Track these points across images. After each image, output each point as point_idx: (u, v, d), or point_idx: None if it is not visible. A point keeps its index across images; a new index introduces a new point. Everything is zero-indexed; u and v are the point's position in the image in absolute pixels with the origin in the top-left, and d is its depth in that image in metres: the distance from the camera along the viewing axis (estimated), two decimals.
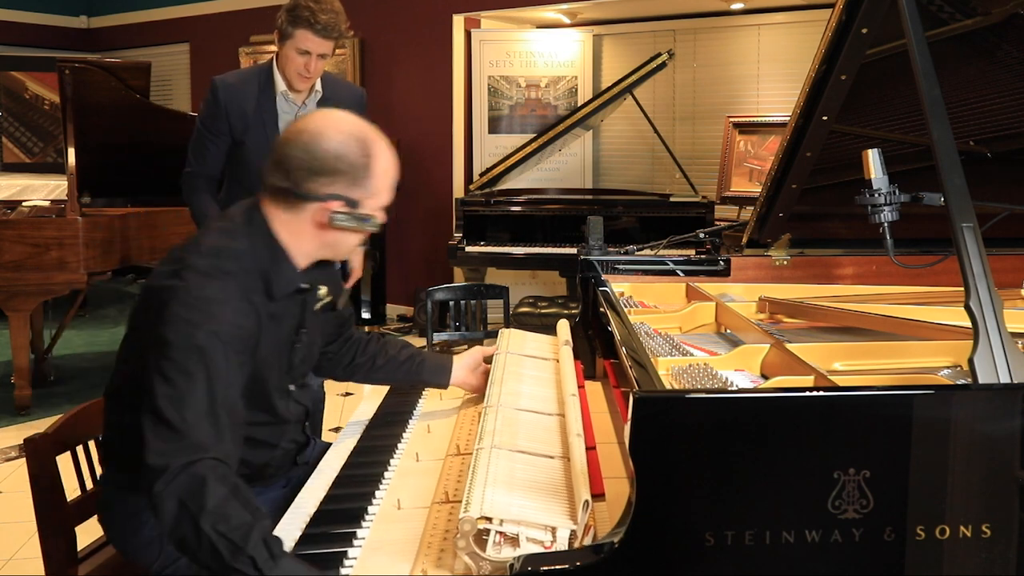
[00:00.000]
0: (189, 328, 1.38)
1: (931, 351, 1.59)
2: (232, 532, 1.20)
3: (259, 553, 1.19)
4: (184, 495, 1.24)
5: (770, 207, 2.28)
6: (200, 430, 1.31)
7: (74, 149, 4.30)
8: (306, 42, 2.68)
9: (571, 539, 1.17)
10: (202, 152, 2.82)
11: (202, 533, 1.21)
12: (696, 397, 1.15)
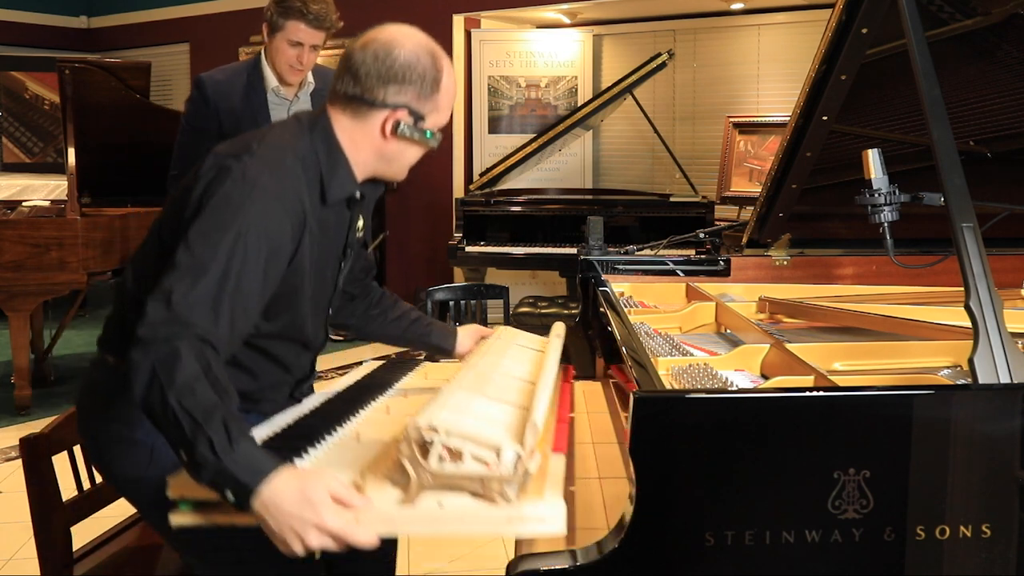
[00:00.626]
0: (231, 207, 1.35)
1: (931, 351, 1.59)
2: (195, 410, 1.19)
3: (218, 435, 1.18)
4: (157, 364, 1.22)
5: (770, 207, 2.28)
6: (197, 312, 1.27)
7: (74, 149, 4.30)
8: (298, 33, 2.65)
9: (516, 462, 1.14)
10: (189, 153, 2.74)
11: (167, 406, 1.20)
12: (696, 397, 1.15)
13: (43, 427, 1.81)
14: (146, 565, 1.93)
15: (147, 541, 2.01)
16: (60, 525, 1.76)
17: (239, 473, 1.17)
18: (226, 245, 1.32)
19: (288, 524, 1.16)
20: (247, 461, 1.18)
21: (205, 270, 1.29)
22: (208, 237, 1.32)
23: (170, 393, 1.20)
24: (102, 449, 1.61)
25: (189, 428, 1.18)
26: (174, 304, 1.26)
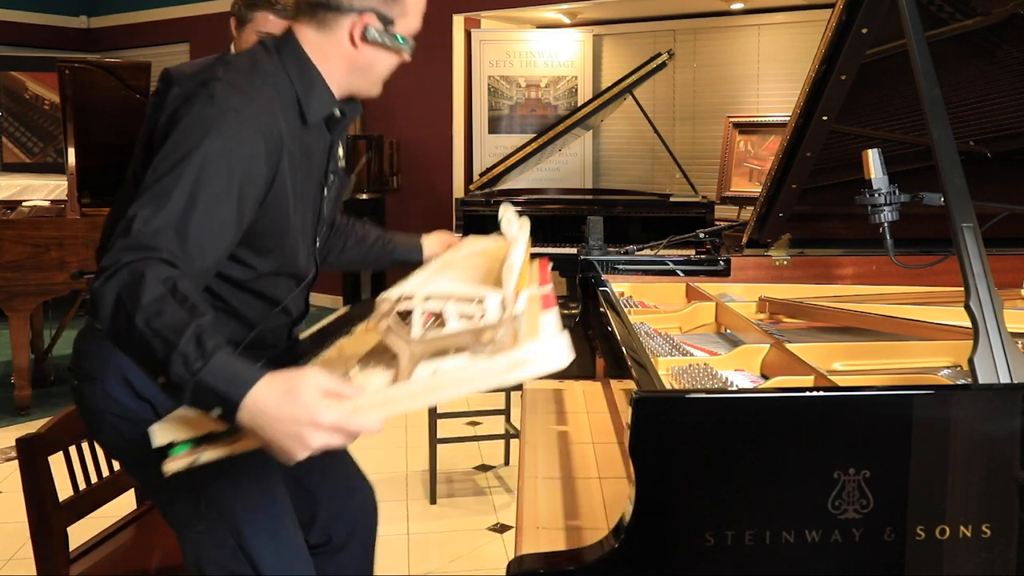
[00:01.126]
0: (198, 131, 1.29)
1: (931, 351, 1.59)
2: (166, 328, 1.12)
3: (192, 351, 1.11)
4: (121, 289, 1.15)
5: (770, 207, 2.28)
6: (161, 237, 1.21)
7: (74, 149, 4.30)
8: (267, 24, 2.64)
9: (502, 308, 1.09)
10: None
11: (135, 330, 1.13)
12: (696, 397, 1.15)
13: (40, 427, 1.81)
14: (143, 565, 1.93)
15: (144, 540, 2.01)
16: (57, 525, 1.76)
17: (219, 386, 1.10)
18: (192, 169, 1.25)
19: (283, 430, 1.09)
20: (226, 373, 1.11)
21: (168, 195, 1.23)
22: (173, 163, 1.26)
23: (137, 316, 1.12)
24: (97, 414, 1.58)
25: (161, 349, 1.12)
26: (135, 231, 1.20)
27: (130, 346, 1.16)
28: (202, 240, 1.26)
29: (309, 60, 1.46)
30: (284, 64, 1.45)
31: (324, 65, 1.47)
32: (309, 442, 1.09)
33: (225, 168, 1.28)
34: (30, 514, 1.75)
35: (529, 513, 1.41)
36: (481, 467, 3.80)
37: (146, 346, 1.13)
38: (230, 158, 1.29)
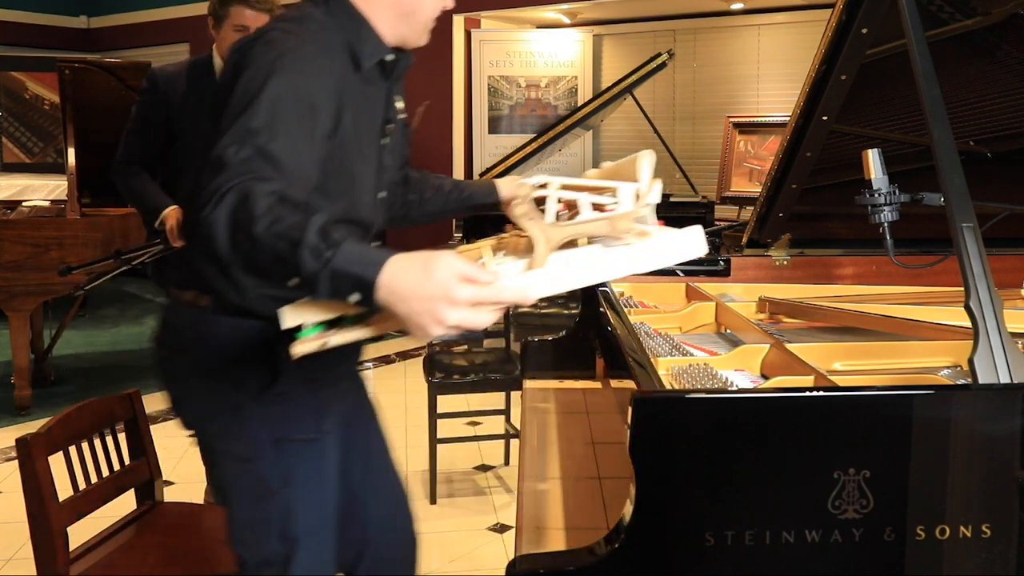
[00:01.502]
0: (263, 72, 1.31)
1: (931, 351, 1.59)
2: (288, 230, 1.10)
3: (320, 242, 1.09)
4: (232, 211, 1.14)
5: (770, 207, 2.28)
6: (253, 163, 1.20)
7: (74, 149, 4.30)
8: (243, 18, 2.69)
9: (636, 196, 1.08)
10: (134, 143, 2.78)
11: (258, 241, 1.11)
12: (696, 397, 1.15)
13: (40, 427, 1.81)
14: (143, 565, 1.93)
15: (144, 540, 2.01)
16: (57, 525, 1.76)
17: (354, 269, 1.09)
18: (265, 104, 1.27)
19: (419, 306, 1.07)
20: (357, 256, 1.09)
21: (249, 130, 1.24)
22: (245, 104, 1.28)
23: (255, 227, 1.11)
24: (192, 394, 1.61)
25: (287, 249, 1.10)
26: (228, 162, 1.20)
27: (256, 260, 1.14)
28: (296, 161, 1.26)
29: (356, 8, 1.48)
30: (332, 13, 1.47)
31: (370, 12, 1.48)
32: (444, 318, 1.07)
33: (294, 101, 1.30)
34: (30, 514, 1.75)
35: (529, 513, 1.42)
36: (481, 467, 3.80)
37: (272, 252, 1.11)
38: (297, 91, 1.31)
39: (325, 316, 1.17)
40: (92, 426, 1.97)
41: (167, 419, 4.42)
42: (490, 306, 1.08)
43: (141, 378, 5.14)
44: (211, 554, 1.98)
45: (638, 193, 1.09)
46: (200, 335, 1.55)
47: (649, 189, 1.09)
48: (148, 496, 2.12)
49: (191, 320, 1.56)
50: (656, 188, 1.09)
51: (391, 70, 1.55)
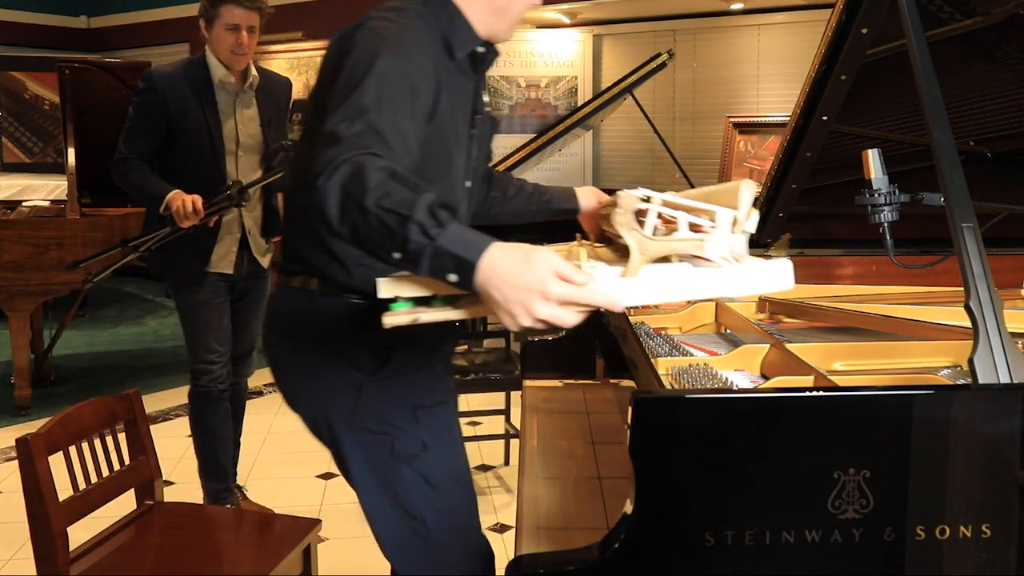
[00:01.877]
0: (369, 54, 1.36)
1: (931, 351, 1.58)
2: (397, 206, 1.14)
3: (427, 220, 1.13)
4: (345, 182, 1.18)
5: (770, 207, 2.28)
6: (364, 138, 1.25)
7: (74, 149, 4.30)
8: (233, 16, 2.79)
9: (733, 221, 1.11)
10: (135, 139, 2.84)
11: (368, 212, 1.15)
12: (696, 397, 1.15)
13: (40, 427, 1.81)
14: (143, 565, 1.93)
15: (144, 540, 2.01)
16: (57, 525, 1.76)
17: (457, 249, 1.12)
18: (373, 83, 1.32)
19: (513, 295, 1.10)
20: (462, 238, 1.13)
21: (358, 107, 1.29)
22: (352, 85, 1.33)
23: (366, 199, 1.15)
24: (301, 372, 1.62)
25: (395, 223, 1.14)
26: (341, 136, 1.24)
27: (365, 231, 1.17)
28: (402, 140, 1.31)
29: (451, 1, 1.53)
30: (428, 4, 1.52)
31: (464, 5, 1.54)
32: (535, 311, 1.10)
33: (399, 81, 1.35)
34: (30, 514, 1.75)
35: (529, 513, 1.42)
36: (481, 467, 3.79)
37: (380, 225, 1.15)
38: (401, 72, 1.37)
39: (419, 292, 1.20)
40: (92, 426, 1.97)
41: (167, 419, 4.42)
42: (580, 307, 1.11)
43: (141, 378, 5.14)
44: (211, 554, 1.98)
45: (735, 219, 1.12)
46: (311, 318, 1.57)
47: (747, 217, 1.12)
48: (148, 496, 2.12)
49: (300, 304, 1.58)
50: (754, 217, 1.13)
51: (480, 62, 1.59)
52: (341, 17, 2.91)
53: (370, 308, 1.52)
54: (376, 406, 1.54)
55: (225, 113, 2.89)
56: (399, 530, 1.56)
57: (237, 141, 2.93)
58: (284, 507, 3.21)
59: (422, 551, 1.56)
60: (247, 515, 2.46)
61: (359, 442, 1.56)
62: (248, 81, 2.94)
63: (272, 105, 3.02)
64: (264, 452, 3.93)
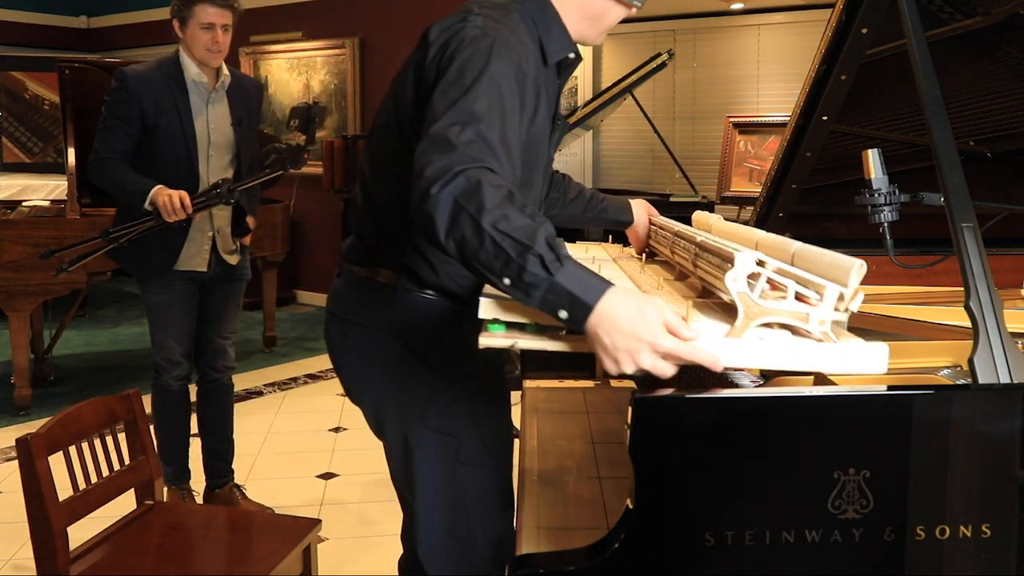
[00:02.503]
0: (481, 55, 1.33)
1: (931, 351, 1.58)
2: (516, 231, 1.14)
3: (547, 253, 1.12)
4: (459, 196, 1.16)
5: (770, 207, 2.28)
6: (475, 148, 1.23)
7: (74, 149, 4.30)
8: (207, 15, 2.90)
9: (840, 298, 1.13)
10: (111, 138, 2.86)
11: (483, 232, 1.14)
12: (696, 397, 1.15)
13: (39, 427, 1.81)
14: (143, 565, 1.93)
15: (144, 540, 2.01)
16: (57, 525, 1.76)
17: (575, 289, 1.12)
18: (488, 88, 1.30)
19: (623, 343, 1.10)
20: (580, 277, 1.13)
21: (471, 112, 1.26)
22: (465, 86, 1.30)
23: (484, 219, 1.14)
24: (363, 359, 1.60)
25: (514, 250, 1.13)
26: (455, 143, 1.22)
27: (475, 251, 1.16)
28: (508, 154, 1.29)
29: (551, 4, 1.52)
30: (527, 5, 1.50)
31: (561, 9, 1.52)
32: (640, 360, 1.11)
33: (509, 89, 1.33)
34: (30, 514, 1.75)
35: (529, 513, 1.42)
36: None
37: (495, 248, 1.14)
38: (512, 80, 1.35)
39: (519, 319, 1.20)
40: (92, 426, 1.97)
41: None
42: (682, 362, 1.12)
43: (141, 378, 5.14)
44: (211, 554, 1.98)
45: (842, 296, 1.13)
46: (391, 312, 1.55)
47: (853, 297, 1.14)
48: (148, 496, 2.12)
49: (379, 297, 1.56)
50: (859, 298, 1.15)
51: (567, 68, 1.58)
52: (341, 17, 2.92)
53: (452, 310, 1.53)
54: (446, 407, 1.53)
55: (197, 111, 2.95)
56: (445, 535, 1.55)
57: (209, 140, 2.97)
58: (284, 507, 3.21)
59: (460, 561, 1.55)
60: (247, 515, 2.46)
61: (428, 442, 1.54)
62: (220, 80, 3.00)
63: (243, 105, 3.07)
64: (264, 452, 3.93)
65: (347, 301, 1.61)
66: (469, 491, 1.54)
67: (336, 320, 1.62)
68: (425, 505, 1.55)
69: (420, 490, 1.55)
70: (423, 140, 1.26)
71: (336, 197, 6.45)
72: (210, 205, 2.81)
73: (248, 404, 4.65)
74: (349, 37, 6.73)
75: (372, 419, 1.62)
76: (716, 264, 1.22)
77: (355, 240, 1.62)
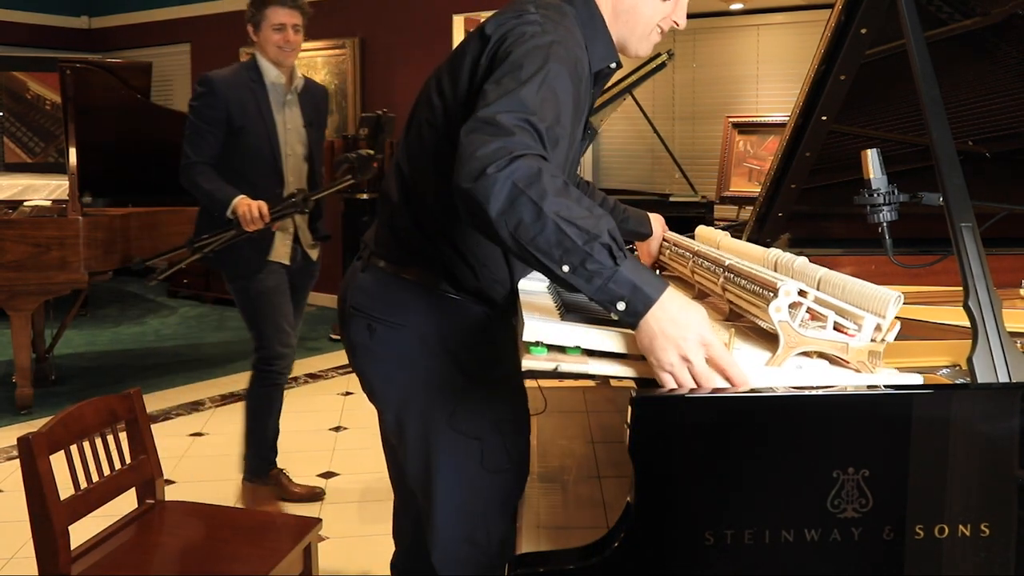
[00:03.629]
0: (540, 53, 1.33)
1: (930, 351, 1.59)
2: (580, 220, 1.14)
3: (612, 243, 1.14)
4: (519, 179, 1.15)
5: (769, 207, 2.28)
6: (530, 136, 1.22)
7: (75, 149, 4.30)
8: (277, 17, 3.02)
9: (877, 329, 1.15)
10: (200, 143, 2.99)
11: (546, 218, 1.13)
12: (696, 397, 1.15)
13: (41, 426, 1.81)
14: (144, 564, 1.93)
15: (145, 540, 2.02)
16: (58, 524, 1.76)
17: (637, 281, 1.14)
18: (538, 87, 1.28)
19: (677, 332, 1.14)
20: (641, 271, 1.15)
21: (526, 107, 1.25)
22: (522, 78, 1.29)
23: (545, 203, 1.13)
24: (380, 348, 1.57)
25: (580, 238, 1.13)
26: (509, 128, 1.21)
27: (530, 232, 1.15)
28: (558, 147, 1.31)
29: (600, 13, 1.52)
30: (579, 9, 1.50)
31: (609, 19, 1.53)
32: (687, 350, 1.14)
33: (563, 89, 1.33)
34: (31, 513, 1.75)
35: (529, 513, 1.42)
36: None
37: (558, 234, 1.14)
38: (567, 80, 1.34)
39: (563, 342, 1.20)
40: (93, 425, 1.97)
41: (168, 418, 4.43)
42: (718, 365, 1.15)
43: (142, 377, 5.15)
44: (212, 553, 1.99)
45: (879, 326, 1.16)
46: (425, 312, 1.53)
47: (889, 328, 1.17)
48: (149, 495, 2.13)
49: (413, 296, 1.53)
50: (896, 330, 1.18)
51: (605, 77, 1.58)
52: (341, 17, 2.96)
53: (486, 314, 1.52)
54: (475, 411, 1.51)
55: (276, 112, 3.08)
56: (463, 540, 1.53)
57: (285, 140, 3.11)
58: (284, 506, 3.22)
59: (475, 566, 1.53)
60: (248, 514, 2.46)
61: (454, 444, 1.51)
62: (294, 84, 3.14)
63: (313, 108, 3.22)
64: None
65: (375, 298, 1.57)
66: (490, 497, 1.52)
67: (361, 317, 1.58)
68: (443, 509, 1.53)
69: (440, 493, 1.53)
70: (471, 121, 1.24)
71: (336, 197, 6.45)
72: (287, 215, 2.96)
73: None
74: (349, 37, 6.73)
75: (392, 420, 1.59)
76: (754, 292, 1.24)
77: (388, 235, 1.58)
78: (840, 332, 1.16)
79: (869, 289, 1.18)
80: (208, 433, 4.21)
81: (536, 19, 1.40)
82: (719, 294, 1.41)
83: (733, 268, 1.35)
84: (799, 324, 1.15)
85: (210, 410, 4.58)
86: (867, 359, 1.15)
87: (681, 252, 1.72)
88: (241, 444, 3.28)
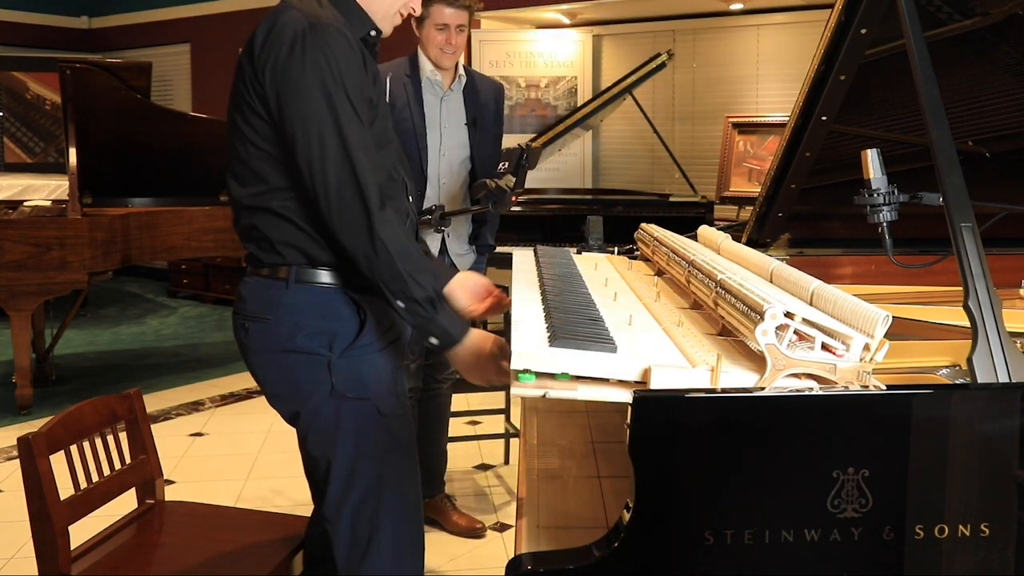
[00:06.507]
0: (295, 54, 1.61)
1: (930, 351, 1.59)
2: (415, 272, 1.65)
3: (432, 293, 1.66)
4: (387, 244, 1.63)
5: (769, 207, 2.28)
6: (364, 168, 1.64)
7: (75, 149, 4.31)
8: (442, 16, 2.87)
9: (865, 349, 1.15)
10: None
11: (398, 274, 1.63)
12: (696, 397, 1.15)
13: (41, 426, 1.81)
14: (144, 564, 1.93)
15: (145, 540, 2.02)
16: (58, 524, 1.76)
17: (449, 326, 1.63)
18: (319, 108, 1.64)
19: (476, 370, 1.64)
20: (451, 319, 1.64)
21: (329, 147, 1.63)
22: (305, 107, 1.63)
23: (399, 263, 1.59)
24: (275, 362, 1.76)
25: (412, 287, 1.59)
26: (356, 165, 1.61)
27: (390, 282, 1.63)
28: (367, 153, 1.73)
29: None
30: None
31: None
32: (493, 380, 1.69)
33: (337, 87, 1.65)
34: (31, 513, 1.75)
35: (529, 512, 1.42)
36: (481, 466, 3.80)
37: (398, 281, 1.63)
38: (337, 74, 1.65)
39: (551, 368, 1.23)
40: (93, 425, 1.97)
41: (168, 418, 4.43)
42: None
43: (142, 377, 5.15)
44: (212, 553, 1.98)
45: (867, 346, 1.16)
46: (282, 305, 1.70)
47: (877, 349, 1.17)
48: (149, 495, 2.13)
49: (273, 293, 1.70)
50: (884, 349, 1.18)
51: (371, 45, 1.83)
52: None
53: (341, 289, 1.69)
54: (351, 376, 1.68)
55: (431, 109, 2.96)
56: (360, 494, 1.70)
57: (440, 138, 2.97)
58: (284, 507, 3.22)
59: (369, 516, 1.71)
60: (247, 514, 2.46)
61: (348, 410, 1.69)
62: (455, 79, 3.00)
63: (478, 105, 3.04)
64: (264, 452, 3.93)
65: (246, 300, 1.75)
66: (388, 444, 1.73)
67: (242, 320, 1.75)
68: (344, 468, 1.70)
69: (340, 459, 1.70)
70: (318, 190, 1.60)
71: None
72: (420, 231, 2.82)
73: (248, 404, 4.66)
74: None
75: (290, 415, 1.78)
76: (742, 311, 1.24)
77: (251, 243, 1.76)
78: (828, 352, 1.17)
79: (860, 307, 1.18)
80: (208, 433, 4.21)
81: (292, 15, 1.64)
82: (712, 307, 1.41)
83: (724, 284, 1.35)
84: (787, 345, 1.16)
85: (210, 410, 4.58)
86: (856, 379, 1.15)
87: (678, 260, 1.72)
88: (245, 444, 3.27)
